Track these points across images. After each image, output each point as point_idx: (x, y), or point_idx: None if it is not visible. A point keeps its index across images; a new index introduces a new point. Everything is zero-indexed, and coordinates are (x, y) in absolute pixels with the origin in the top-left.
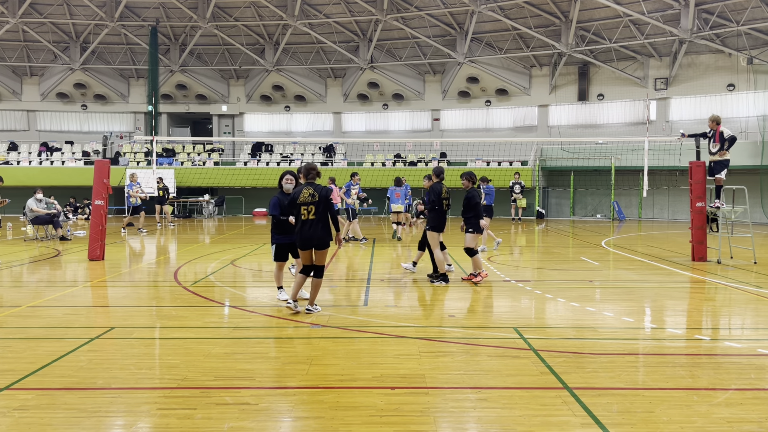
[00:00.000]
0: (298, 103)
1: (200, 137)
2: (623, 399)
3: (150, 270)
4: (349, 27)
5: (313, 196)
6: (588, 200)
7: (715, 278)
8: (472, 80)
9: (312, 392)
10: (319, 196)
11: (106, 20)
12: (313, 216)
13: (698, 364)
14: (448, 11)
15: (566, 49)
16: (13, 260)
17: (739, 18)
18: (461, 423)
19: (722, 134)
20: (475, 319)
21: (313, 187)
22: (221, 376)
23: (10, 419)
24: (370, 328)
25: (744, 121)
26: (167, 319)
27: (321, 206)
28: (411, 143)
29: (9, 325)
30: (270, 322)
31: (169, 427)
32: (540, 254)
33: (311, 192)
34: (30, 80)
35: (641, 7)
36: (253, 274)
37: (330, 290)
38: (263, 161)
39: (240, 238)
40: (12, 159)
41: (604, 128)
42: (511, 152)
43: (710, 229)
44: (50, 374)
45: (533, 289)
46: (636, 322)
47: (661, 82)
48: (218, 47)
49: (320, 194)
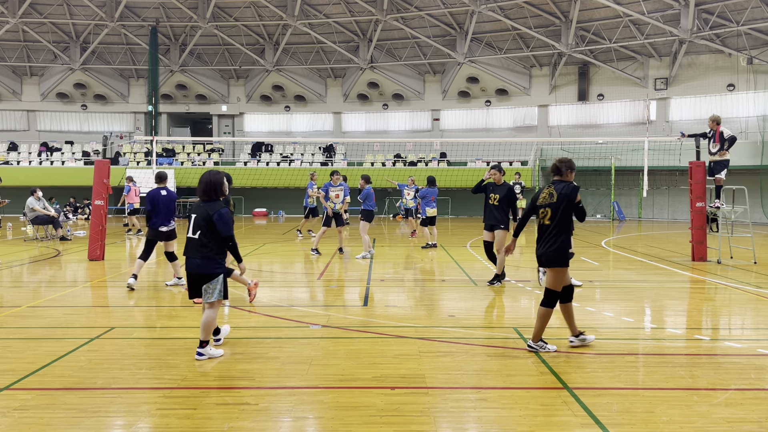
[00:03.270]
0: (298, 103)
1: (200, 137)
2: (623, 399)
3: (150, 270)
4: (349, 27)
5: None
6: (588, 200)
7: (715, 278)
8: (472, 80)
9: (312, 392)
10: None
11: (106, 20)
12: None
13: (698, 364)
14: (448, 11)
15: (566, 49)
16: (13, 260)
17: (739, 18)
18: (461, 423)
19: (722, 134)
20: (475, 319)
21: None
22: (221, 376)
23: (10, 419)
24: (370, 328)
25: (744, 121)
26: (167, 319)
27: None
28: (411, 143)
29: (9, 325)
30: (270, 322)
31: (169, 427)
32: None
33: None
34: (30, 80)
35: (641, 7)
36: (253, 274)
37: (330, 290)
38: (263, 161)
39: (240, 238)
40: (12, 159)
41: (604, 128)
42: (511, 152)
43: (710, 229)
44: (50, 374)
45: (533, 289)
46: (636, 322)
47: (661, 82)
48: (218, 47)
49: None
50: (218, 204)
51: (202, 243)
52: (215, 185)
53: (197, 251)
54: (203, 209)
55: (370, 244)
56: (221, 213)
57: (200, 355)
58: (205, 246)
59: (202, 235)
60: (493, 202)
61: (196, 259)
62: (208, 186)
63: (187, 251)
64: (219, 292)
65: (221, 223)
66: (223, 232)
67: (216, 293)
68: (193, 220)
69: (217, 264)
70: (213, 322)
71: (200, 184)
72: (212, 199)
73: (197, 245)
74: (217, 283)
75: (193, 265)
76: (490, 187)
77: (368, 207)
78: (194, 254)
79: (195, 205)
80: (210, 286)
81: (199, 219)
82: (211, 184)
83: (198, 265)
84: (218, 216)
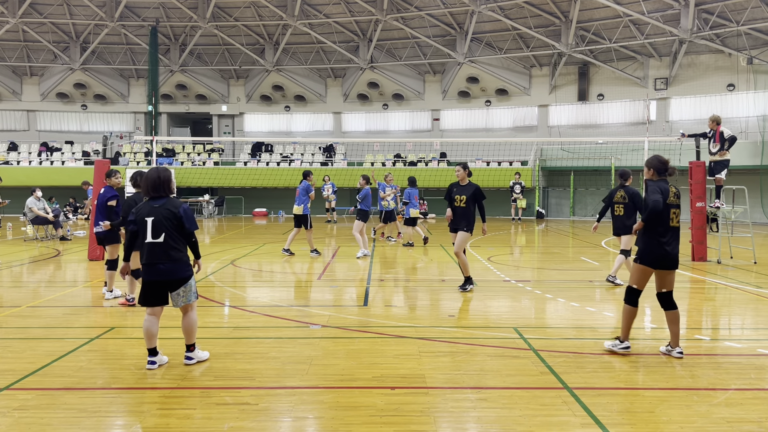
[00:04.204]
0: (298, 103)
1: (200, 137)
2: (623, 399)
3: None
4: (349, 27)
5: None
6: (588, 200)
7: (715, 278)
8: (472, 80)
9: (312, 392)
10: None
11: (106, 20)
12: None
13: (698, 364)
14: (448, 11)
15: (566, 49)
16: (13, 260)
17: (739, 18)
18: (461, 423)
19: (722, 134)
20: (475, 319)
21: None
22: (221, 376)
23: (10, 419)
24: (370, 328)
25: (744, 121)
26: (167, 319)
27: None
28: (411, 143)
29: (9, 325)
30: (270, 322)
31: (169, 427)
32: (540, 254)
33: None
34: (30, 80)
35: (641, 7)
36: (253, 274)
37: (330, 290)
38: (263, 161)
39: (240, 238)
40: (12, 159)
41: (604, 128)
42: (511, 152)
43: (710, 229)
44: (50, 374)
45: (533, 289)
46: (636, 322)
47: (661, 82)
48: (218, 47)
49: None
50: (175, 200)
51: (169, 246)
52: (165, 181)
53: (165, 256)
54: (162, 209)
55: (365, 242)
56: (186, 208)
57: (189, 359)
58: (173, 248)
59: (168, 237)
60: (459, 203)
61: (164, 264)
62: (158, 182)
63: (149, 257)
64: (194, 293)
65: (189, 219)
66: (192, 227)
67: (193, 295)
68: (151, 224)
69: (187, 266)
70: (196, 323)
71: (148, 180)
72: (162, 196)
73: (165, 249)
74: (191, 284)
75: (160, 271)
76: (455, 188)
77: (364, 207)
78: (161, 259)
79: (143, 208)
80: (184, 290)
81: (160, 220)
82: (161, 180)
83: (168, 270)
84: (184, 211)
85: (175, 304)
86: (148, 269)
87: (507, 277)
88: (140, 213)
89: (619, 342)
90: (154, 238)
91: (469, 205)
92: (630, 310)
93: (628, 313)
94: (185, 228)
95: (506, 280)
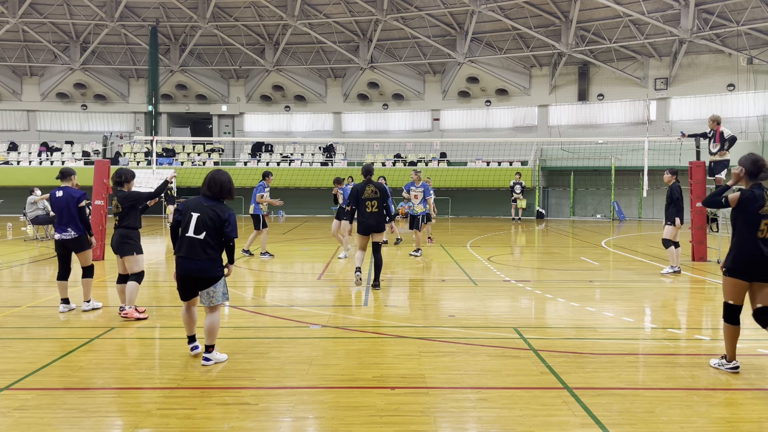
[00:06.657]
0: (298, 103)
1: (200, 137)
2: (623, 399)
3: (150, 270)
4: (349, 27)
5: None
6: (588, 200)
7: (715, 278)
8: (472, 80)
9: (312, 392)
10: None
11: (106, 20)
12: None
13: (698, 364)
14: (448, 11)
15: (566, 49)
16: (13, 260)
17: (739, 18)
18: (461, 423)
19: (722, 134)
20: (475, 319)
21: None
22: (221, 376)
23: (10, 419)
24: (370, 328)
25: (744, 121)
26: (167, 319)
27: None
28: (411, 143)
29: (9, 325)
30: (270, 322)
31: (169, 427)
32: (540, 254)
33: None
34: (30, 80)
35: (641, 7)
36: (253, 274)
37: (330, 290)
38: (263, 161)
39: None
40: (12, 159)
41: (604, 128)
42: (511, 152)
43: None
44: (50, 374)
45: (533, 289)
46: (636, 322)
47: (661, 82)
48: (218, 47)
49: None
50: (225, 206)
51: (208, 244)
52: (227, 188)
53: (202, 252)
54: (210, 209)
55: (347, 242)
56: (232, 214)
57: (207, 360)
58: (211, 247)
59: (208, 237)
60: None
61: (199, 261)
62: (219, 185)
63: (186, 251)
64: (223, 295)
65: (232, 225)
66: (233, 234)
67: (221, 296)
68: (195, 219)
69: (219, 266)
70: (218, 325)
71: (211, 181)
72: (217, 199)
73: (203, 246)
74: (220, 285)
75: (195, 267)
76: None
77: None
78: (198, 255)
79: (192, 203)
80: (213, 290)
81: (204, 219)
82: (224, 184)
83: (202, 268)
84: (229, 216)
85: (202, 301)
86: (182, 262)
87: (507, 277)
88: (188, 206)
89: (726, 361)
90: (195, 234)
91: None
92: (730, 328)
93: (728, 332)
94: (227, 233)
95: (506, 280)
